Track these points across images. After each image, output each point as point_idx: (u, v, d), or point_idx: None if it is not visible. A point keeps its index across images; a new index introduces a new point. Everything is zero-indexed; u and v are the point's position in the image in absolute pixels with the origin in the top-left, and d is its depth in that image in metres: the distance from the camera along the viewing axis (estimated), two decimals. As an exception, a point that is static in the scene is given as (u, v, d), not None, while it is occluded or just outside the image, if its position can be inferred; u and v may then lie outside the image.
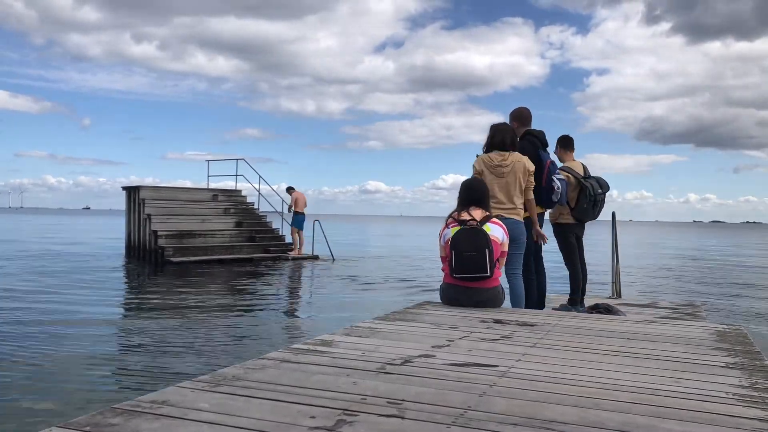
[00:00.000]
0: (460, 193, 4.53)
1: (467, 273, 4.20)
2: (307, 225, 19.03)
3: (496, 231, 4.29)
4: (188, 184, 20.72)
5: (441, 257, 4.49)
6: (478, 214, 4.33)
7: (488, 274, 4.17)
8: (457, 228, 4.29)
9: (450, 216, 4.42)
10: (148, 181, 22.92)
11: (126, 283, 13.12)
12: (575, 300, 5.65)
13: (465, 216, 4.32)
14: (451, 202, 4.75)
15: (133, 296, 10.96)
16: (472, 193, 4.46)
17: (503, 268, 4.58)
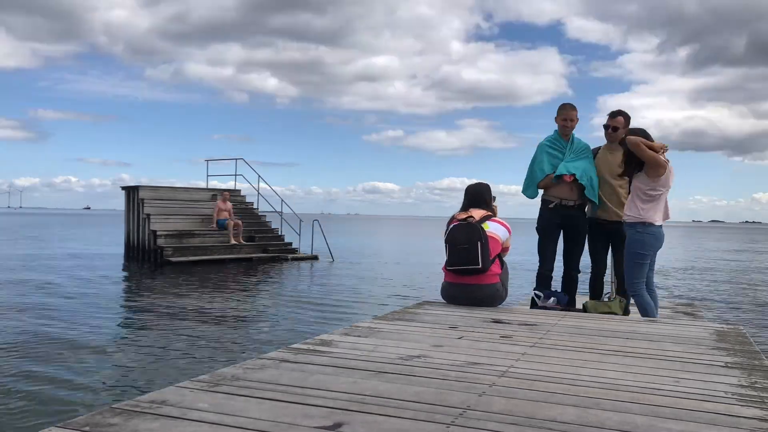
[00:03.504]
0: (464, 196, 4.68)
1: (459, 265, 4.26)
2: (307, 226, 19.05)
3: (496, 228, 4.36)
4: (201, 184, 20.75)
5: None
6: (478, 213, 4.43)
7: (479, 266, 4.20)
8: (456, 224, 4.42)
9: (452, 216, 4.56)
10: (166, 182, 22.94)
11: (125, 282, 13.11)
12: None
13: (464, 215, 4.41)
14: (452, 203, 4.80)
15: (132, 296, 10.94)
16: (474, 196, 4.61)
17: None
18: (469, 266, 4.22)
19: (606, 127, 5.09)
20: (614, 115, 5.07)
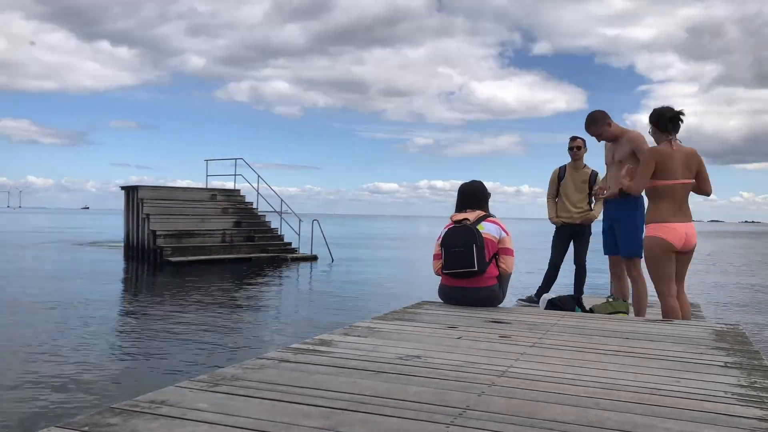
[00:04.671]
0: (457, 196, 4.61)
1: (454, 268, 4.25)
2: (306, 225, 19.05)
3: (490, 229, 4.32)
4: (216, 184, 20.79)
5: (434, 255, 4.51)
6: (473, 215, 4.40)
7: (475, 268, 4.19)
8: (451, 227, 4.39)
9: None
10: (183, 183, 22.98)
11: (124, 282, 13.11)
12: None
13: (460, 217, 4.38)
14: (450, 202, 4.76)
15: (131, 296, 10.94)
16: (467, 196, 4.56)
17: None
18: (464, 269, 4.22)
19: (570, 149, 6.06)
20: (574, 138, 6.04)
